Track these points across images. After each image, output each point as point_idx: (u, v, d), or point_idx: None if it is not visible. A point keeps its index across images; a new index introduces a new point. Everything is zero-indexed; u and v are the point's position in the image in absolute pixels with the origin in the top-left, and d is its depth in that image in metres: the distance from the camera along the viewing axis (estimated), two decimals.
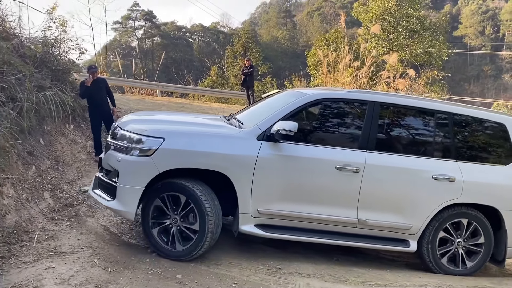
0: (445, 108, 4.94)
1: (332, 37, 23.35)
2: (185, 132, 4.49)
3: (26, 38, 8.16)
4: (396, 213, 4.59)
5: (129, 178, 4.23)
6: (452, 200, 4.62)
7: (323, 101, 4.72)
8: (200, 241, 4.17)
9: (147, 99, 17.14)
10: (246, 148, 4.30)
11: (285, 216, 4.45)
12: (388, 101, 4.84)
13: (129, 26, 61.43)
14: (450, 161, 4.73)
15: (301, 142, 4.45)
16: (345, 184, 4.47)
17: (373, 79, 14.54)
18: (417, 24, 24.66)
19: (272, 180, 4.34)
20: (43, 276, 3.74)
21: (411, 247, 4.67)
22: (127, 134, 4.40)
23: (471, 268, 4.82)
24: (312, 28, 64.41)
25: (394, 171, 4.59)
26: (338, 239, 4.56)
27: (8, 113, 5.45)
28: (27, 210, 5.18)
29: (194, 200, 4.16)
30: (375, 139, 4.62)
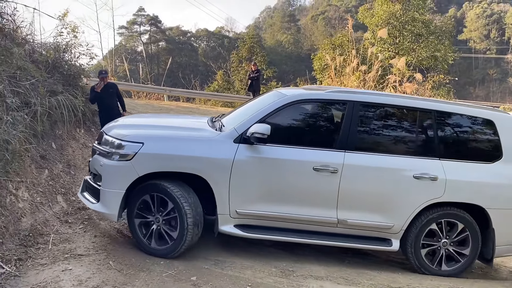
0: (428, 105, 4.83)
1: (338, 41, 23.41)
2: (163, 136, 4.61)
3: (38, 43, 8.28)
4: (377, 213, 4.57)
5: (111, 182, 4.39)
6: (434, 199, 4.57)
7: (302, 102, 4.72)
8: (181, 238, 4.29)
9: (155, 103, 17.25)
10: (223, 151, 4.38)
11: (264, 217, 4.51)
12: (368, 100, 4.77)
13: (134, 31, 61.83)
14: (433, 159, 4.66)
15: (279, 143, 4.47)
16: (323, 185, 4.47)
17: (380, 83, 14.56)
18: (422, 28, 24.70)
19: (249, 182, 4.40)
20: (61, 278, 3.80)
21: (393, 246, 4.65)
22: (109, 139, 4.56)
23: (457, 269, 4.75)
24: (316, 32, 64.61)
25: (373, 171, 4.56)
26: (319, 238, 4.58)
27: (23, 118, 5.53)
28: (41, 213, 5.25)
29: (173, 199, 4.28)
30: (355, 139, 4.60)
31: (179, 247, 4.33)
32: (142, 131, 4.73)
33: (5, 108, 5.32)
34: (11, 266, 3.93)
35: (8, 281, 3.69)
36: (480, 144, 4.94)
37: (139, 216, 4.45)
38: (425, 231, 4.66)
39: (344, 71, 15.00)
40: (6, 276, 3.76)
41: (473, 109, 4.98)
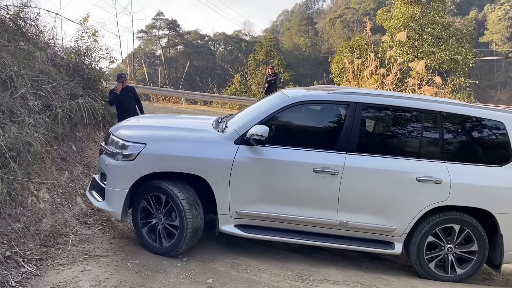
0: (434, 106, 4.71)
1: (356, 44, 23.26)
2: (165, 137, 4.71)
3: (60, 47, 8.44)
4: (379, 215, 4.51)
5: (115, 181, 4.54)
6: (438, 202, 4.46)
7: (304, 103, 4.71)
8: (182, 237, 4.38)
9: (173, 106, 17.42)
10: (223, 152, 4.44)
11: (264, 217, 4.53)
12: (371, 101, 4.70)
13: (153, 34, 62.53)
14: (438, 162, 4.55)
15: (280, 145, 4.50)
16: (323, 187, 4.46)
17: (399, 86, 14.41)
18: (442, 31, 24.35)
19: (249, 183, 4.44)
20: (80, 278, 3.86)
21: (395, 249, 4.57)
22: (115, 139, 4.72)
23: (462, 275, 4.62)
24: (334, 35, 64.30)
25: (374, 173, 4.49)
26: (319, 240, 4.57)
27: (44, 121, 5.64)
28: (61, 214, 5.34)
29: (172, 199, 4.38)
30: (357, 141, 4.54)
31: (179, 246, 4.42)
32: (145, 132, 4.88)
33: (28, 111, 5.44)
34: (32, 265, 4.02)
35: (29, 280, 3.77)
36: (489, 146, 4.80)
37: (144, 211, 4.58)
38: (430, 236, 4.58)
39: (362, 74, 14.89)
40: (27, 275, 3.84)
41: (481, 111, 4.82)
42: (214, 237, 5.09)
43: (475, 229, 4.53)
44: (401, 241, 4.60)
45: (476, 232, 4.54)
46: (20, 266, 3.94)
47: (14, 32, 6.89)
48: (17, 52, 6.33)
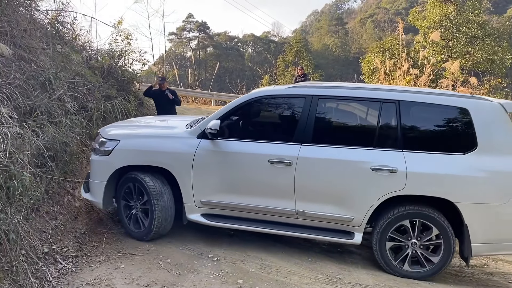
0: (391, 95, 4.58)
1: (388, 44, 22.82)
2: (136, 134, 5.19)
3: (94, 50, 8.70)
4: (335, 205, 4.49)
5: (96, 174, 5.02)
6: (394, 192, 4.33)
7: (262, 98, 4.89)
8: (151, 222, 4.77)
9: (203, 107, 17.61)
10: (186, 146, 4.77)
11: (227, 207, 4.75)
12: (326, 93, 4.72)
13: (183, 37, 63.39)
14: (395, 151, 4.40)
15: (238, 138, 4.74)
16: (278, 177, 4.54)
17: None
18: (478, 30, 23.56)
19: (210, 174, 4.69)
20: (113, 276, 3.95)
21: (355, 239, 4.51)
22: (99, 138, 5.17)
23: (428, 271, 4.46)
24: (365, 35, 63.42)
25: (328, 164, 4.47)
26: (282, 229, 4.65)
27: (80, 121, 5.81)
28: (96, 213, 5.49)
29: (143, 187, 4.77)
30: (312, 133, 4.56)
31: (152, 231, 4.79)
32: (122, 130, 5.28)
33: (64, 112, 5.62)
34: (68, 262, 4.14)
35: (65, 276, 3.89)
36: (452, 134, 4.55)
37: (124, 199, 5.01)
38: (392, 230, 4.46)
39: (394, 75, 14.61)
40: (64, 271, 3.97)
41: (444, 98, 4.60)
42: (243, 239, 5.12)
43: (437, 222, 4.36)
44: (361, 231, 4.55)
45: (439, 225, 4.36)
46: (57, 262, 4.07)
47: (52, 36, 7.14)
48: (55, 55, 6.55)
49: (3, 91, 4.59)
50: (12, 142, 3.96)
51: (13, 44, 5.55)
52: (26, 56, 5.59)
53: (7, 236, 3.48)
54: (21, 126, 4.53)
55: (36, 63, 5.63)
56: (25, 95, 5.00)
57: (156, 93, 8.62)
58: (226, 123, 4.75)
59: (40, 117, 5.06)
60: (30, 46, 5.84)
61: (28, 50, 5.76)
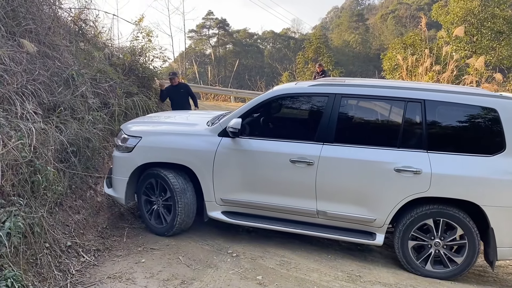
0: (417, 95, 4.43)
1: (410, 40, 22.45)
2: (158, 131, 5.21)
3: (116, 47, 8.81)
4: (357, 206, 4.42)
5: (118, 170, 5.05)
6: (418, 193, 4.22)
7: (283, 96, 4.83)
8: (174, 218, 4.80)
9: (222, 104, 17.67)
10: (207, 144, 4.75)
11: (248, 205, 4.73)
12: (349, 92, 4.61)
13: (203, 34, 63.72)
14: (420, 152, 4.29)
15: (259, 136, 4.70)
16: (300, 176, 4.50)
17: (455, 84, 13.77)
18: (503, 25, 22.95)
19: (231, 172, 4.68)
20: (134, 270, 4.00)
21: (376, 240, 4.44)
22: (121, 134, 5.18)
23: (451, 271, 4.36)
24: (386, 32, 62.55)
25: (350, 164, 4.39)
26: (302, 228, 4.63)
27: (102, 118, 5.90)
28: (117, 208, 5.57)
29: (167, 184, 4.79)
30: (334, 132, 4.49)
31: (174, 227, 4.83)
32: (143, 126, 5.32)
33: (87, 108, 5.71)
34: (91, 255, 4.22)
35: (88, 269, 3.96)
36: (479, 135, 4.39)
37: (145, 195, 5.05)
38: (415, 229, 4.39)
39: (417, 71, 14.35)
40: (86, 264, 4.04)
41: (472, 97, 4.41)
42: (262, 235, 5.12)
43: (462, 223, 4.25)
44: (383, 232, 4.48)
45: (464, 226, 4.25)
46: (79, 255, 4.15)
47: (75, 34, 7.25)
48: (78, 52, 6.66)
49: (28, 87, 4.69)
50: (37, 138, 4.05)
51: (38, 42, 5.66)
52: (50, 53, 5.69)
53: (31, 229, 3.56)
54: (45, 121, 4.63)
55: (59, 60, 5.73)
56: (49, 92, 5.10)
57: (169, 90, 8.61)
58: (247, 121, 4.75)
59: (63, 113, 5.15)
60: (53, 44, 5.94)
61: (52, 47, 5.86)
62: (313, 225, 4.66)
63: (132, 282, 3.77)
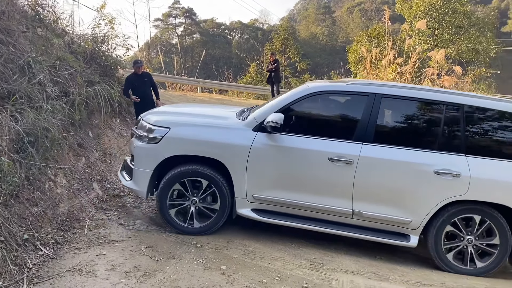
0: (456, 99, 4.60)
1: (374, 33, 22.87)
2: (188, 123, 4.88)
3: (77, 35, 8.50)
4: (394, 207, 4.49)
5: (142, 162, 4.78)
6: (456, 196, 4.38)
7: (322, 93, 4.77)
8: (219, 219, 4.71)
9: (189, 95, 17.46)
10: (241, 138, 4.61)
11: (280, 203, 4.65)
12: (390, 92, 4.66)
13: (169, 23, 62.51)
14: (458, 155, 4.45)
15: (296, 133, 4.60)
16: (338, 175, 4.49)
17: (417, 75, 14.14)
18: (463, 20, 23.76)
19: (265, 169, 4.58)
20: (95, 262, 3.91)
21: (411, 242, 4.54)
22: (143, 124, 4.95)
23: (482, 268, 4.54)
24: (352, 24, 63.36)
25: (390, 164, 4.46)
26: (334, 228, 4.62)
27: (61, 107, 5.69)
28: (78, 199, 5.41)
29: (217, 185, 4.62)
30: (374, 132, 4.53)
31: (214, 227, 4.73)
32: (170, 117, 5.06)
33: (45, 97, 5.49)
34: (49, 249, 4.09)
35: (46, 263, 3.84)
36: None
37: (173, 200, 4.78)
38: (448, 225, 4.51)
39: (380, 63, 14.65)
40: (44, 258, 3.91)
41: (509, 104, 4.66)
42: (227, 224, 5.11)
43: (496, 221, 4.43)
44: (417, 234, 4.56)
45: (498, 225, 4.44)
46: (37, 249, 4.01)
47: (32, 19, 6.94)
48: (35, 38, 6.39)
49: None
50: None
51: None
52: (4, 39, 5.42)
53: None
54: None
55: (14, 46, 5.47)
56: (3, 79, 4.87)
57: (132, 79, 8.30)
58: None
59: (19, 101, 4.93)
60: (8, 29, 5.67)
61: (6, 32, 5.59)
62: (345, 226, 4.64)
63: (93, 275, 3.68)
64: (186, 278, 3.74)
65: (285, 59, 39.72)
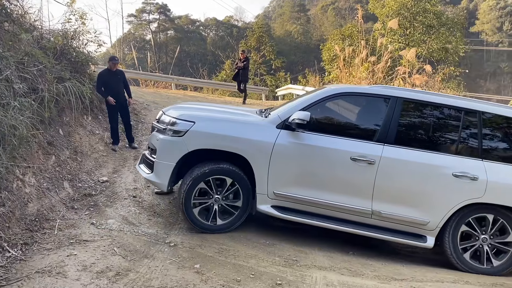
0: (474, 106, 4.83)
1: (348, 31, 23.16)
2: (213, 118, 5.01)
3: (46, 30, 8.27)
4: (413, 207, 4.62)
5: (164, 154, 4.79)
6: (473, 199, 4.56)
7: (345, 94, 4.91)
8: (241, 215, 4.85)
9: (163, 92, 17.25)
10: (265, 134, 4.68)
11: (300, 200, 4.70)
12: (411, 97, 4.85)
13: (143, 19, 61.61)
14: (476, 159, 4.66)
15: (319, 132, 4.69)
16: (359, 175, 4.59)
17: (389, 74, 14.40)
18: (434, 20, 24.36)
19: (288, 166, 4.65)
20: (66, 263, 3.83)
21: (427, 242, 4.67)
22: (166, 118, 5.01)
23: (500, 266, 4.69)
24: (326, 23, 63.93)
25: (411, 166, 4.61)
26: (352, 227, 4.70)
27: (30, 104, 5.53)
28: (48, 199, 5.28)
29: (242, 183, 4.74)
30: (395, 134, 4.67)
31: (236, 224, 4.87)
32: (195, 112, 5.14)
33: (12, 93, 5.33)
34: (17, 250, 3.97)
35: (14, 265, 3.73)
36: None
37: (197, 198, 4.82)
38: (463, 225, 4.67)
39: (353, 62, 14.85)
40: (12, 259, 3.80)
41: None
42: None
43: (509, 220, 4.62)
44: (434, 235, 4.71)
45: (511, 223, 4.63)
46: (4, 250, 3.89)
47: None
48: (1, 33, 6.19)
49: None
50: None
51: None
52: None
53: None
54: None
55: None
56: None
57: (105, 75, 7.99)
58: None
59: None
60: None
61: None
62: (363, 225, 4.73)
63: (63, 276, 3.60)
64: (159, 278, 3.71)
65: (260, 57, 39.72)
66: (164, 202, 5.79)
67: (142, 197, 5.88)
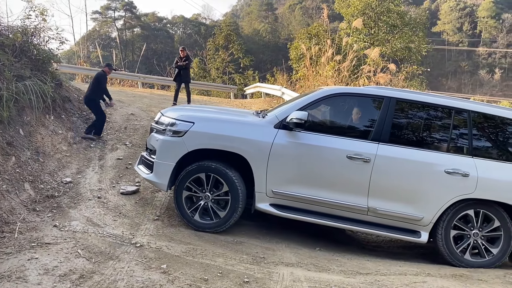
0: (464, 106, 5.01)
1: (314, 30, 23.42)
2: (212, 118, 5.16)
3: (4, 26, 7.97)
4: (407, 204, 4.77)
5: (164, 155, 4.91)
6: (465, 195, 4.73)
7: (340, 95, 5.07)
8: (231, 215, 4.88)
9: (128, 90, 16.93)
10: (264, 134, 4.82)
11: (298, 198, 4.82)
12: (404, 97, 5.02)
13: (108, 16, 60.25)
14: (466, 157, 4.84)
15: (316, 131, 4.83)
16: (355, 173, 4.74)
17: (354, 73, 14.66)
18: (397, 19, 24.98)
19: (286, 164, 4.77)
20: (26, 267, 3.71)
21: (422, 238, 4.82)
22: (165, 119, 5.12)
23: (500, 253, 4.83)
24: (293, 22, 64.38)
25: (405, 164, 4.77)
26: (349, 224, 4.84)
27: None
28: (7, 201, 5.10)
29: (228, 180, 4.81)
30: (389, 133, 4.84)
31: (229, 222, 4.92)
32: (194, 113, 5.26)
33: None
34: None
35: None
36: None
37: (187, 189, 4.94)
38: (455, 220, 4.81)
39: (320, 60, 15.03)
40: None
41: (508, 112, 5.11)
42: (168, 224, 5.06)
43: (500, 216, 4.79)
44: (428, 230, 4.84)
45: (502, 220, 4.79)
46: None
47: None
48: None
49: None
50: None
51: None
52: None
53: None
54: None
55: None
56: None
57: None
58: None
59: None
60: None
61: None
62: (359, 222, 4.82)
63: (24, 281, 3.49)
64: (125, 279, 3.65)
65: (229, 55, 39.62)
66: (130, 203, 5.70)
67: (107, 198, 5.77)
